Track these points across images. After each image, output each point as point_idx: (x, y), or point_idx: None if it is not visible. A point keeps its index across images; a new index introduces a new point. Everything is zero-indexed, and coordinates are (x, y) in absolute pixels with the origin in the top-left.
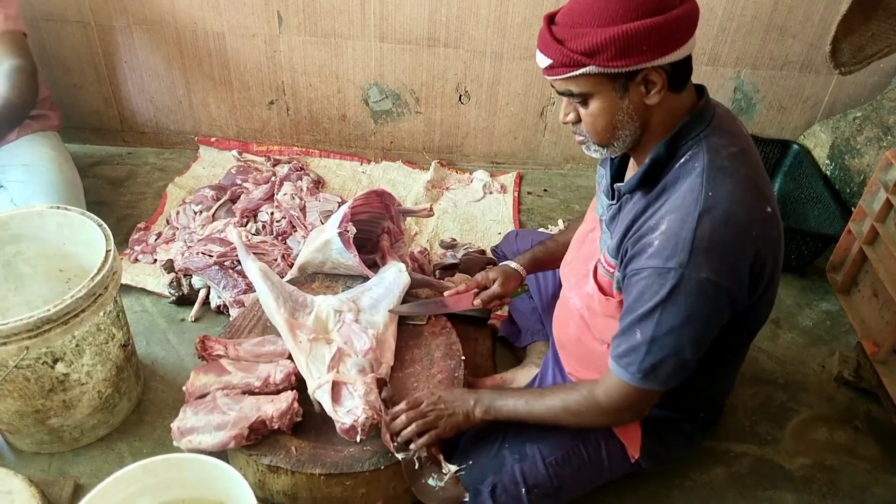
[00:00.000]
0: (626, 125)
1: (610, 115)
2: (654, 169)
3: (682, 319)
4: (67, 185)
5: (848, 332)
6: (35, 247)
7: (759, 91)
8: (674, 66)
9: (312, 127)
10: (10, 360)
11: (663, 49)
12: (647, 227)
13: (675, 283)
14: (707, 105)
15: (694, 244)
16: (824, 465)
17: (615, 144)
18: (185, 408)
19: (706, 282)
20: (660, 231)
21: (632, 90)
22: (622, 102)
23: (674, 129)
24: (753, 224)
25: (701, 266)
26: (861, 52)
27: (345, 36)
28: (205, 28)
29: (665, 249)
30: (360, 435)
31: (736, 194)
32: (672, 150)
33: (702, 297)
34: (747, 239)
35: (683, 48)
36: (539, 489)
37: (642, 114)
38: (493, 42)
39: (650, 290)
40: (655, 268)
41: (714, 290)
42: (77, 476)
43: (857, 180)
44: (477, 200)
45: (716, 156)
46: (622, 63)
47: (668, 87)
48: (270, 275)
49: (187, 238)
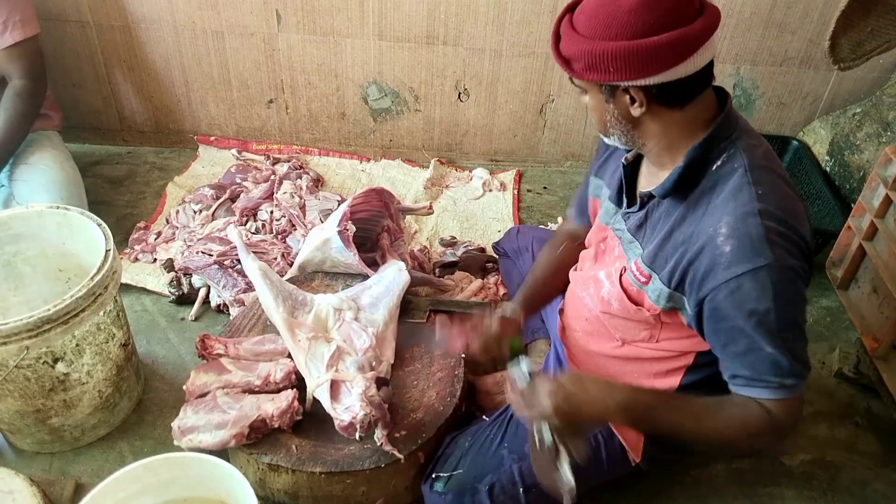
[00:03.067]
0: (616, 126)
1: (599, 112)
2: (688, 172)
3: (794, 308)
4: (69, 183)
5: (848, 329)
6: (35, 246)
7: (759, 87)
8: (661, 87)
9: (312, 125)
10: (11, 359)
11: (635, 73)
12: (705, 236)
13: (775, 279)
14: (731, 108)
15: (769, 239)
16: (825, 462)
17: (612, 137)
18: (186, 407)
19: (798, 268)
20: (724, 237)
21: (616, 98)
22: (609, 106)
23: (697, 134)
24: (800, 218)
25: (786, 257)
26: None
27: (344, 34)
28: (203, 27)
29: (744, 253)
30: (359, 432)
31: (781, 192)
32: (706, 153)
33: (797, 282)
34: (800, 232)
35: (668, 73)
36: (537, 489)
37: (631, 120)
38: (492, 39)
39: (751, 298)
40: (745, 272)
41: (804, 274)
42: (78, 475)
43: (857, 176)
44: (476, 198)
45: (752, 155)
46: (592, 76)
47: (654, 103)
48: (270, 274)
49: (187, 237)
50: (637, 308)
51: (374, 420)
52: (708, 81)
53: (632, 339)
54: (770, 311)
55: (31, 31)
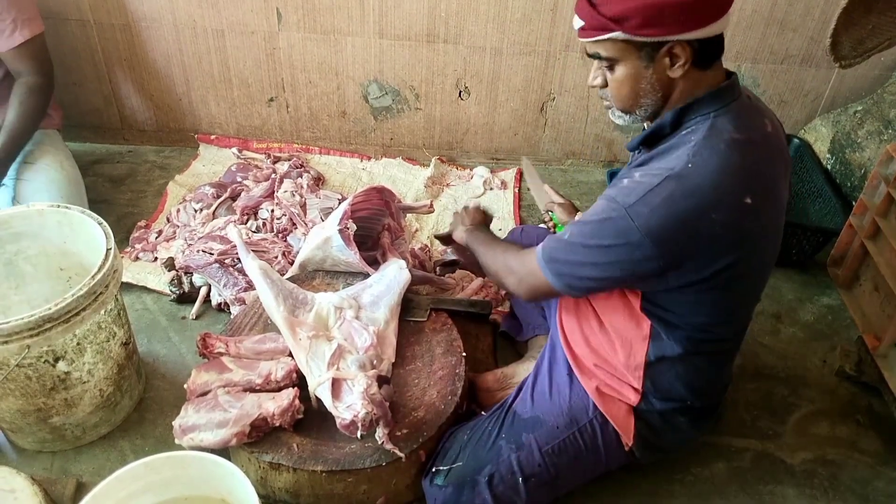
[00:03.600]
0: (649, 94)
1: (634, 82)
2: (657, 131)
3: (594, 242)
4: (70, 182)
5: (849, 327)
6: (36, 245)
7: (760, 85)
8: (701, 43)
9: (312, 124)
10: (12, 358)
11: (689, 24)
12: (627, 175)
13: (609, 215)
14: (730, 90)
15: (646, 196)
16: (826, 460)
17: (637, 112)
18: (187, 405)
19: (634, 230)
20: (633, 176)
21: (657, 61)
22: (646, 72)
23: (687, 101)
24: (719, 206)
25: (640, 215)
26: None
27: (344, 32)
28: (204, 25)
29: (624, 190)
30: (360, 430)
31: (714, 174)
32: (678, 121)
33: (622, 238)
34: (704, 217)
35: (712, 26)
36: (536, 478)
37: (665, 85)
38: (492, 38)
39: (594, 210)
40: (608, 197)
41: (638, 242)
42: (79, 474)
43: (858, 174)
44: (477, 196)
45: (714, 135)
46: (648, 32)
47: (693, 62)
48: (270, 273)
49: (188, 236)
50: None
51: (375, 418)
52: (723, 46)
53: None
54: (585, 226)
55: (38, 28)
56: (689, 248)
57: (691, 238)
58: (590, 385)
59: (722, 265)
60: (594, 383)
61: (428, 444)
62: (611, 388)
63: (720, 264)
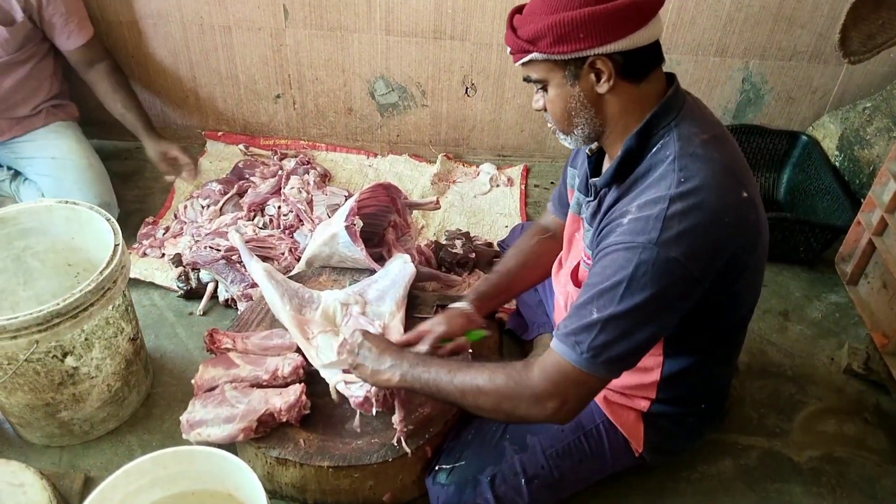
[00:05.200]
0: (581, 113)
1: (563, 101)
2: (626, 160)
3: (644, 298)
4: (97, 177)
5: (857, 325)
6: (44, 241)
7: (768, 82)
8: (625, 56)
9: (319, 121)
10: (21, 353)
11: (604, 38)
12: (619, 213)
13: (643, 259)
14: (676, 94)
15: (665, 224)
16: (833, 458)
17: (575, 133)
18: (194, 401)
19: (674, 262)
20: (630, 214)
21: (582, 78)
22: (573, 90)
23: (643, 121)
24: (727, 209)
25: (670, 246)
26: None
27: (351, 29)
28: (211, 22)
29: (635, 228)
30: (376, 406)
31: (708, 179)
32: (643, 141)
33: (668, 276)
34: (719, 224)
35: (632, 37)
36: (539, 480)
37: (595, 102)
38: (499, 34)
39: (615, 264)
40: (624, 243)
41: (681, 271)
42: (87, 469)
43: (867, 171)
44: (484, 193)
45: (687, 143)
46: (561, 49)
47: (618, 75)
48: (274, 274)
49: (195, 232)
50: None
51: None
52: (660, 57)
53: None
54: (620, 284)
55: (91, 31)
56: (719, 261)
57: (718, 249)
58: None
59: (739, 268)
60: (602, 394)
61: (434, 440)
62: (620, 396)
63: (742, 265)
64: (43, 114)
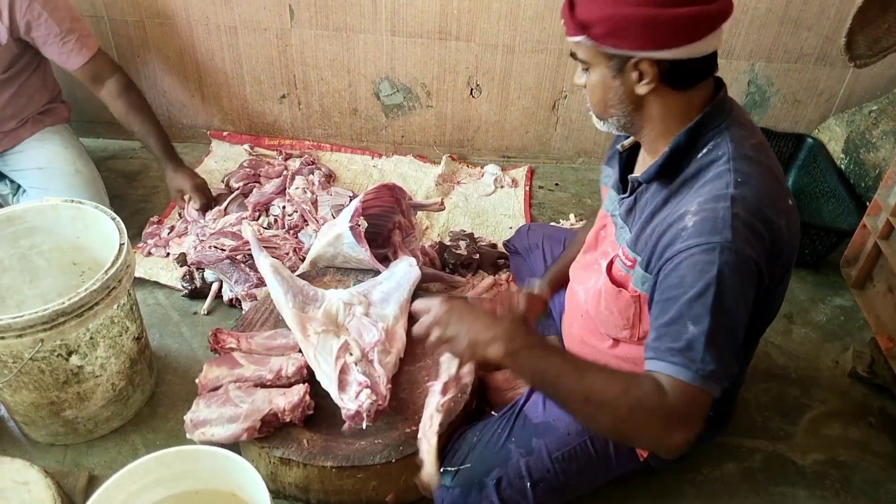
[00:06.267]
0: (617, 106)
1: (602, 90)
2: (673, 157)
3: (735, 297)
4: (85, 184)
5: (862, 328)
6: (49, 240)
7: (774, 84)
8: (673, 64)
9: (324, 121)
10: (26, 352)
11: (655, 43)
12: (675, 217)
13: (725, 259)
14: (726, 97)
15: (734, 223)
16: (837, 462)
17: (609, 121)
18: (198, 400)
19: (751, 260)
20: (692, 214)
21: (625, 73)
22: (614, 82)
23: (693, 120)
24: (780, 213)
25: (746, 243)
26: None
27: (356, 30)
28: (217, 22)
29: (704, 229)
30: (366, 421)
31: (763, 183)
32: (693, 140)
33: (748, 274)
34: (775, 227)
35: (686, 48)
36: (544, 484)
37: (634, 100)
38: (504, 35)
39: (695, 270)
40: (699, 245)
41: (757, 269)
42: (91, 467)
43: (873, 174)
44: (488, 195)
45: (739, 145)
46: (610, 43)
47: (661, 80)
48: (281, 270)
49: (199, 232)
50: (619, 291)
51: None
52: (712, 69)
53: (616, 335)
54: (708, 288)
55: (95, 45)
56: (773, 264)
57: (774, 252)
58: None
59: (781, 272)
60: None
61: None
62: None
63: (780, 271)
64: (30, 123)
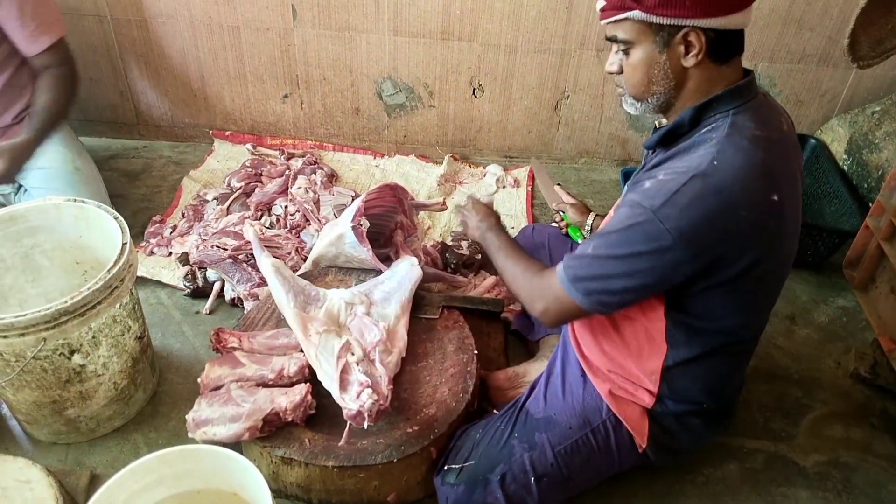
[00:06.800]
0: (661, 82)
1: (647, 67)
2: (675, 129)
3: (625, 251)
4: (84, 180)
5: (864, 329)
6: (52, 239)
7: (776, 85)
8: (718, 34)
9: (326, 121)
10: (28, 351)
11: (708, 10)
12: (649, 176)
13: (636, 220)
14: (748, 87)
15: (673, 196)
16: (839, 462)
17: (649, 100)
18: (200, 399)
19: (665, 233)
20: (654, 178)
21: (672, 47)
22: (660, 57)
23: (706, 99)
24: (748, 206)
25: (669, 217)
26: (880, 46)
27: (359, 29)
28: (220, 22)
29: (649, 192)
30: (368, 421)
31: (740, 171)
32: (697, 118)
33: (653, 242)
34: (733, 215)
35: (731, 17)
36: (548, 478)
37: (678, 74)
38: (507, 35)
39: (618, 218)
40: (631, 203)
41: (670, 245)
42: (93, 466)
43: (875, 175)
44: (490, 195)
45: (736, 133)
46: (664, 12)
47: (707, 53)
48: (283, 270)
49: (202, 231)
50: None
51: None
52: (743, 44)
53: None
54: (611, 235)
55: (60, 31)
56: (720, 248)
57: (721, 237)
58: (603, 388)
59: (746, 264)
60: (607, 386)
61: (439, 441)
62: (625, 391)
63: (745, 263)
64: (26, 121)
